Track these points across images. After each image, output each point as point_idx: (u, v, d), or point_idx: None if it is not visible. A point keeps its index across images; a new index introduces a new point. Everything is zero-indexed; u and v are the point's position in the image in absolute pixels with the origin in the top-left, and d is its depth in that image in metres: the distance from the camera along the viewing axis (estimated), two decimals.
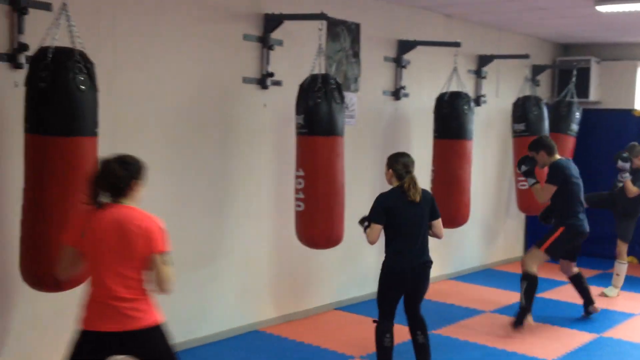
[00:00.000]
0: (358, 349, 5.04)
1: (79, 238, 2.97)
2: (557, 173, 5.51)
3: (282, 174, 5.42)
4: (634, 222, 6.82)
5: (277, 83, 5.44)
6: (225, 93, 5.14)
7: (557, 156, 5.63)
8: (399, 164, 4.34)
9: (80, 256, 3.00)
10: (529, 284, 5.55)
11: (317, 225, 4.93)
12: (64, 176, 3.39)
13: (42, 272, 3.48)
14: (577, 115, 7.66)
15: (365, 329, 5.57)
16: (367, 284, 6.50)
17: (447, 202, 6.11)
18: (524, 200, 7.08)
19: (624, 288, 7.17)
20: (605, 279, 7.23)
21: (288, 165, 5.24)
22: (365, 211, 4.40)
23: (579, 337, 5.52)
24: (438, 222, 4.43)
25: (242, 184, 5.30)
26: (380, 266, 4.37)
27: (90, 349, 2.95)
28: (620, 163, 6.62)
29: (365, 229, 4.32)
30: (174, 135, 4.81)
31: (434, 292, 6.84)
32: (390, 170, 4.36)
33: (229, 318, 5.31)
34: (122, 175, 2.97)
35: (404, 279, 4.30)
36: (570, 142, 7.64)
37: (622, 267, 6.84)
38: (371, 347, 5.08)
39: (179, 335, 4.92)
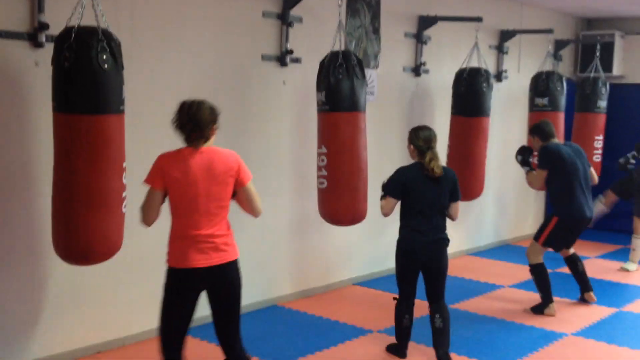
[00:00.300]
0: (376, 323, 5.11)
1: (165, 182, 3.11)
2: (545, 157, 5.36)
3: (301, 152, 5.47)
4: None
5: (297, 60, 5.46)
6: (244, 71, 5.17)
7: (555, 140, 5.45)
8: (419, 139, 4.29)
9: (161, 202, 3.17)
10: (536, 275, 5.51)
11: (341, 202, 4.96)
12: (90, 153, 3.45)
13: (72, 246, 3.58)
14: (604, 91, 7.56)
15: (383, 304, 5.65)
16: (386, 260, 6.55)
17: (461, 177, 6.22)
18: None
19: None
20: (625, 254, 7.21)
21: (308, 143, 5.29)
22: (378, 187, 4.45)
23: (597, 312, 5.55)
24: (456, 205, 4.36)
25: (262, 162, 5.35)
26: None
27: (185, 287, 3.16)
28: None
29: (381, 198, 4.34)
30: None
31: (452, 268, 6.84)
32: (412, 146, 4.32)
33: (248, 293, 5.34)
34: (210, 119, 3.19)
35: (417, 258, 4.28)
36: (598, 120, 7.55)
37: (638, 242, 6.84)
38: (389, 321, 5.17)
39: (199, 309, 5.04)
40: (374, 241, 6.35)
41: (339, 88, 4.83)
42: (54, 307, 4.22)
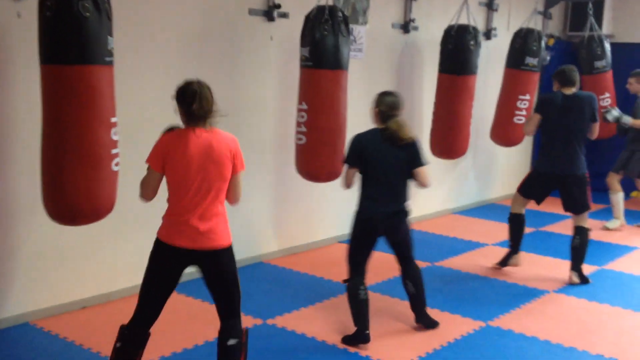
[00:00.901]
0: None
1: (164, 163, 3.07)
2: (539, 102, 5.31)
3: (288, 108, 5.42)
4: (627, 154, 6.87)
5: (284, 15, 5.38)
6: (231, 25, 5.09)
7: (572, 90, 5.14)
8: (383, 104, 4.05)
9: (159, 181, 3.14)
10: (510, 224, 5.52)
11: (318, 158, 4.96)
12: (74, 105, 3.39)
13: (59, 204, 3.53)
14: (599, 51, 7.47)
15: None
16: None
17: (447, 135, 6.27)
18: (501, 131, 6.95)
19: (629, 221, 7.25)
20: (608, 213, 7.29)
21: (294, 100, 5.23)
22: None
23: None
24: (422, 170, 4.05)
25: (247, 118, 5.31)
26: None
27: (169, 261, 3.14)
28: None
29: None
30: (178, 67, 4.78)
31: (436, 226, 6.97)
32: (377, 109, 4.08)
33: (234, 250, 5.41)
34: (212, 100, 3.15)
35: (373, 228, 4.06)
36: (600, 80, 7.47)
37: (615, 197, 6.90)
38: (373, 279, 5.22)
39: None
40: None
41: (324, 45, 4.77)
42: (38, 263, 4.21)
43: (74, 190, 3.45)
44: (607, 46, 7.58)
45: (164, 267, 3.15)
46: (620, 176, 6.94)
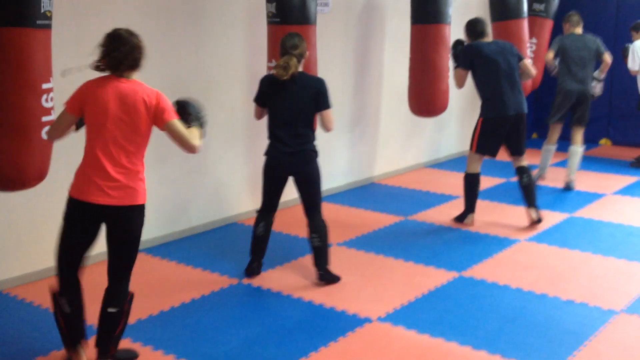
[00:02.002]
0: (335, 237, 5.17)
1: (81, 107, 3.00)
2: (463, 56, 5.30)
3: (257, 66, 5.34)
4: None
5: None
6: None
7: (486, 39, 5.33)
8: (280, 45, 4.11)
9: (71, 125, 3.07)
10: (465, 184, 5.54)
11: None
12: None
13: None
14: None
15: (339, 218, 5.73)
16: (338, 176, 6.59)
17: (425, 90, 6.08)
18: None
19: (596, 169, 7.37)
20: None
21: (263, 57, 5.17)
22: (337, 101, 4.40)
23: (550, 218, 5.70)
24: (326, 114, 4.13)
25: (216, 76, 5.23)
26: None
27: (79, 218, 3.06)
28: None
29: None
30: (142, 27, 4.67)
31: (410, 180, 7.01)
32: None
33: (207, 211, 5.41)
34: (139, 51, 3.04)
35: (279, 168, 4.20)
36: (537, 24, 7.37)
37: (574, 149, 6.75)
38: (345, 235, 5.26)
39: (159, 229, 5.04)
40: (331, 156, 6.35)
41: (290, 0, 4.69)
42: (10, 231, 4.16)
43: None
44: None
45: (78, 226, 3.06)
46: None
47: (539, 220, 5.46)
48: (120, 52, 2.98)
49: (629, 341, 3.60)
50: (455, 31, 6.12)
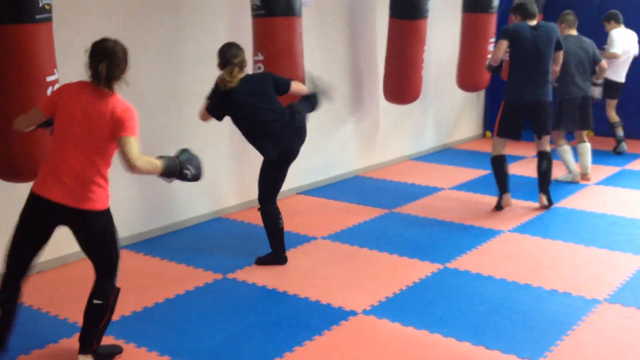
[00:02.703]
0: (320, 230, 5.18)
1: (53, 109, 3.00)
2: (504, 31, 5.38)
3: None
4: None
5: None
6: None
7: (531, 22, 5.40)
8: (219, 55, 4.23)
9: (39, 121, 3.08)
10: (493, 167, 5.71)
11: None
12: (2, 66, 3.28)
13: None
14: None
15: (326, 211, 5.73)
16: (329, 169, 6.59)
17: (400, 81, 6.25)
18: (470, 77, 6.95)
19: (578, 159, 7.40)
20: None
21: (248, 51, 5.13)
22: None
23: (534, 209, 5.73)
24: (294, 84, 4.38)
25: (197, 70, 5.19)
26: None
27: (36, 213, 3.04)
28: None
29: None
30: (123, 19, 4.64)
31: (394, 173, 7.01)
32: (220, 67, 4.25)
33: (192, 206, 5.38)
34: (123, 65, 3.02)
35: (283, 152, 4.34)
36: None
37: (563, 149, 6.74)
38: (333, 228, 5.25)
39: (142, 225, 5.01)
40: (316, 150, 6.34)
41: None
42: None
43: (10, 149, 3.37)
44: None
45: (33, 221, 3.05)
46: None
47: (549, 205, 5.69)
48: (103, 67, 2.96)
49: (612, 330, 3.63)
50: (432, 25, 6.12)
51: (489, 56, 6.41)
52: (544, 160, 5.64)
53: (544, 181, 5.69)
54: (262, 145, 4.30)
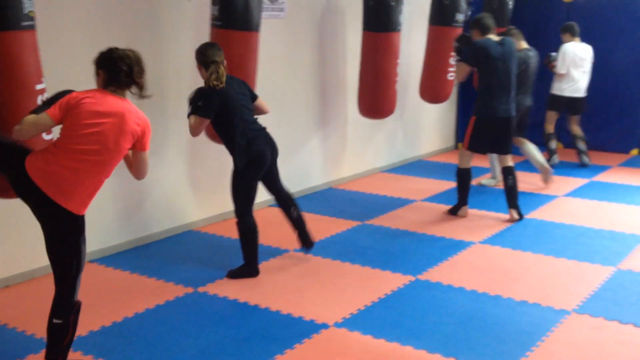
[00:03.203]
0: (293, 243, 5.16)
1: (68, 115, 2.97)
2: (470, 52, 5.44)
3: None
4: None
5: None
6: None
7: (492, 37, 5.48)
8: (200, 54, 4.31)
9: (47, 129, 3.05)
10: (457, 179, 5.82)
11: None
12: None
13: None
14: (509, 4, 7.65)
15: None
16: (301, 180, 6.59)
17: (374, 95, 6.27)
18: (432, 89, 6.96)
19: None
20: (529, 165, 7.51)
21: None
22: (295, 108, 4.40)
23: (505, 220, 5.79)
24: (259, 102, 4.54)
25: (169, 83, 5.17)
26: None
27: (30, 196, 3.02)
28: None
29: None
30: (97, 34, 4.60)
31: (366, 185, 7.04)
32: (199, 66, 4.33)
33: (162, 219, 5.33)
34: (144, 72, 3.07)
35: (263, 155, 4.43)
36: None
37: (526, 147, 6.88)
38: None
39: (112, 238, 4.95)
40: (287, 162, 6.33)
41: (233, 3, 4.65)
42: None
43: None
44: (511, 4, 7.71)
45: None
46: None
47: (520, 218, 5.76)
48: (129, 71, 3.03)
49: (580, 340, 3.67)
50: (405, 37, 6.18)
51: (452, 70, 6.52)
52: (509, 176, 5.70)
53: (512, 196, 5.75)
54: (236, 145, 4.34)
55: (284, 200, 4.77)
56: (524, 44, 6.60)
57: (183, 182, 5.46)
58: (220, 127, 4.37)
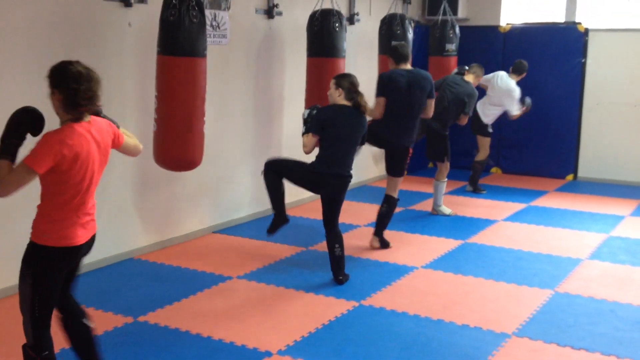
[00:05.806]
0: (236, 269, 5.11)
1: (54, 166, 2.75)
2: (380, 85, 5.48)
3: (147, 97, 5.23)
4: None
5: (142, 0, 5.18)
6: (87, 12, 4.83)
7: (405, 67, 5.52)
8: (346, 82, 4.83)
9: (28, 183, 2.81)
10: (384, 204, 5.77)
11: (166, 146, 4.84)
12: None
13: None
14: (452, 34, 7.91)
15: (243, 250, 5.66)
16: (245, 206, 6.54)
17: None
18: None
19: (490, 196, 7.68)
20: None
21: (153, 88, 5.08)
22: (241, 131, 4.39)
23: (445, 245, 5.88)
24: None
25: (110, 108, 5.07)
26: None
27: (68, 262, 3.01)
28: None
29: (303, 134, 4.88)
30: (34, 58, 4.49)
31: (310, 210, 7.03)
32: (340, 89, 4.83)
33: (101, 247, 5.19)
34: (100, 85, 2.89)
35: (323, 183, 4.88)
36: (448, 62, 7.90)
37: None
38: (249, 267, 5.19)
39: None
40: (230, 187, 6.29)
41: (171, 30, 4.63)
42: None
43: None
44: (458, 30, 8.01)
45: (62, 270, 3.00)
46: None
47: (386, 247, 5.73)
48: (92, 95, 2.83)
49: None
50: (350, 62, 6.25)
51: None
52: (385, 204, 5.71)
53: (381, 224, 5.74)
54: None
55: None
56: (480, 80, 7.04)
57: (125, 209, 5.35)
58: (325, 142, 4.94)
